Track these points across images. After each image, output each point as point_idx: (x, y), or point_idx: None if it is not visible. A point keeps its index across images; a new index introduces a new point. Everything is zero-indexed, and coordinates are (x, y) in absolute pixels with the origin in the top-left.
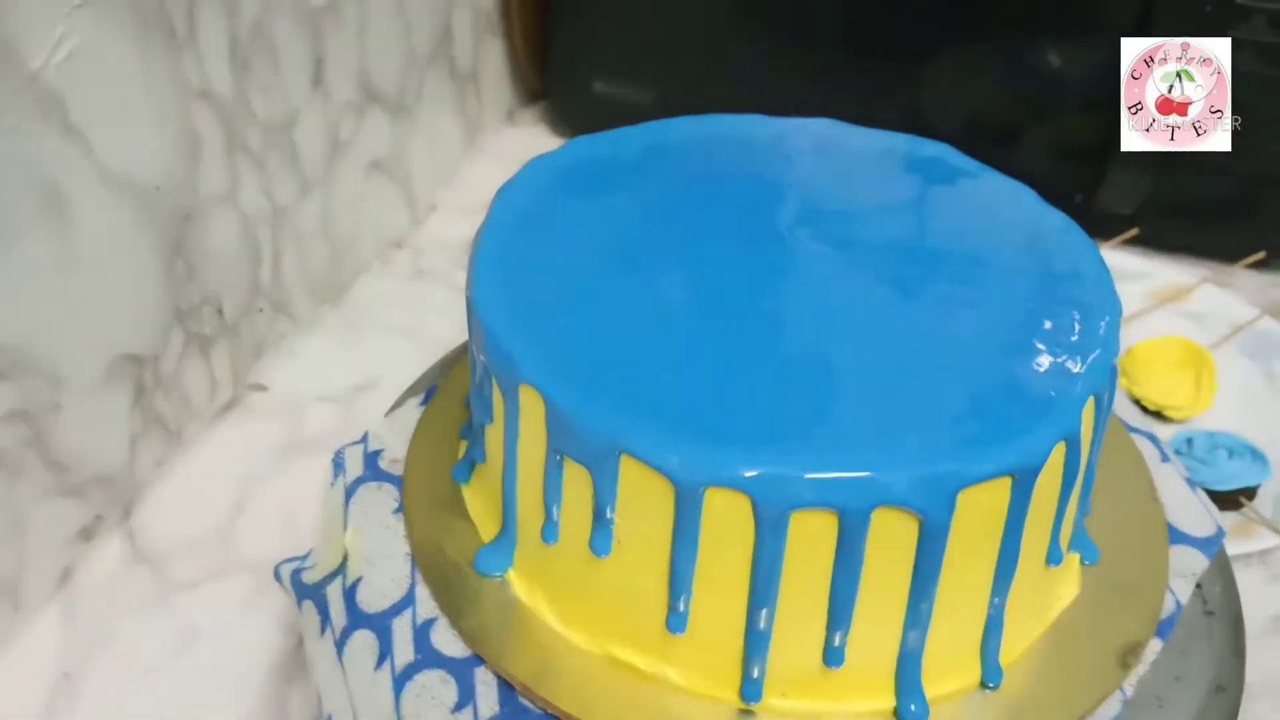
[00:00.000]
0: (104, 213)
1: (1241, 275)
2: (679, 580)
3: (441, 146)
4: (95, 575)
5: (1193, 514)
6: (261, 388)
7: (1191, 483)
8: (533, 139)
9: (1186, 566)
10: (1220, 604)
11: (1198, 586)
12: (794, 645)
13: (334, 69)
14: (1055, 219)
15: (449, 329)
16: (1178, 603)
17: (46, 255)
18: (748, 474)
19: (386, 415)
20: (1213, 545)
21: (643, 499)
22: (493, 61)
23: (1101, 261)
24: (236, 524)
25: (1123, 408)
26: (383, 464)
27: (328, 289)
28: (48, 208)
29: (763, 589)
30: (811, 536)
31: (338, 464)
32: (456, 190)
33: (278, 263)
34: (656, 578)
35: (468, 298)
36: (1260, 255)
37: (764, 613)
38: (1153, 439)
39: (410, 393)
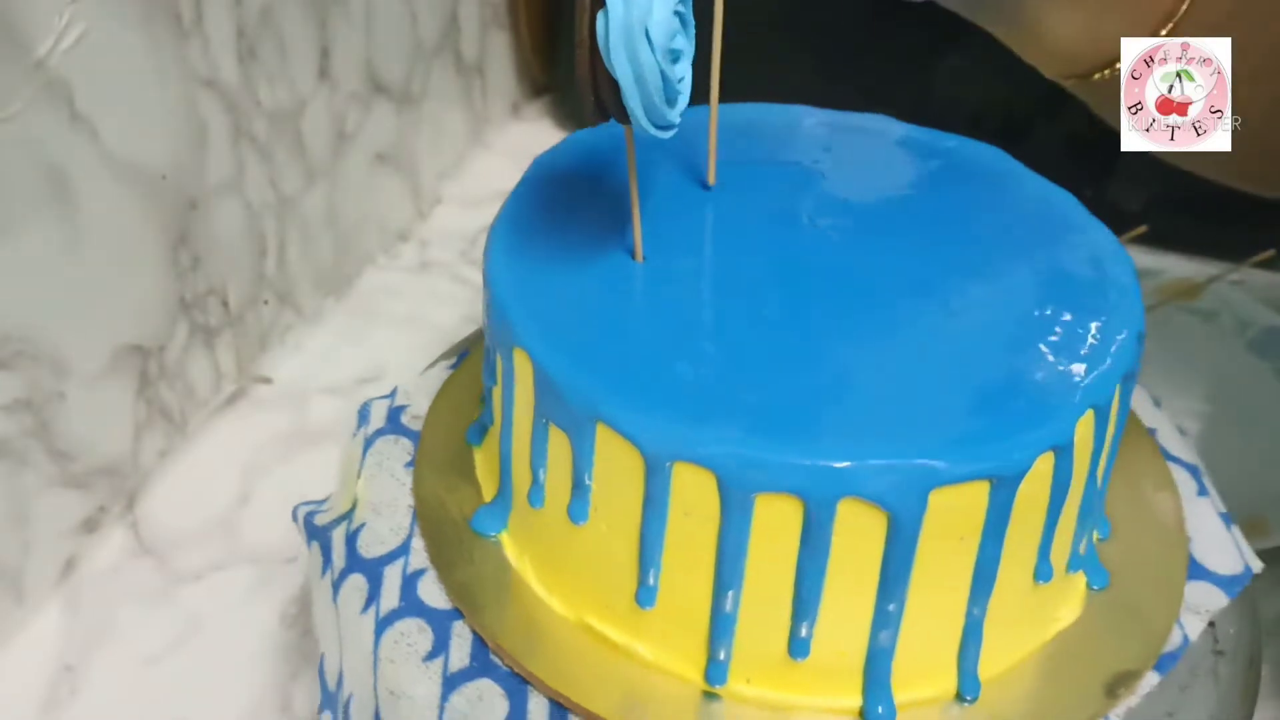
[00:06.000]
0: (110, 201)
1: (1251, 273)
2: (648, 553)
3: (447, 139)
4: (98, 566)
5: (1221, 550)
6: (266, 380)
7: (1226, 519)
8: (538, 133)
9: (1202, 603)
10: (1234, 644)
11: (1210, 624)
12: (759, 631)
13: (340, 59)
14: (1096, 230)
15: (454, 321)
16: (1185, 637)
17: (52, 243)
18: (712, 450)
19: (421, 374)
20: (1237, 584)
21: (616, 468)
22: (499, 54)
23: (1134, 275)
24: (240, 515)
25: (1166, 436)
26: (404, 419)
27: (333, 281)
28: (53, 195)
29: (728, 570)
30: (777, 522)
31: (363, 414)
32: (461, 183)
33: (283, 254)
34: (628, 549)
35: (484, 261)
36: (1270, 253)
37: (730, 595)
38: (1193, 470)
39: (446, 355)
